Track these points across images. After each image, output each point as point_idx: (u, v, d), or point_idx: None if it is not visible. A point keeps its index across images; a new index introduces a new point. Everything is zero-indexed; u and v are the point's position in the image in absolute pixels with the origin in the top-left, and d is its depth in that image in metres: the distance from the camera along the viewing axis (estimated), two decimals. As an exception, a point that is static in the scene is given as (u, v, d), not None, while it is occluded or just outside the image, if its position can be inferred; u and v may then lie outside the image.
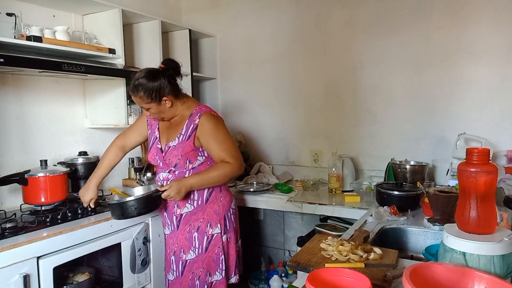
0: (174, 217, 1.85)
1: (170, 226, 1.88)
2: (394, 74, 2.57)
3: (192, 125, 1.77)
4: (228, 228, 1.87)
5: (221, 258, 1.83)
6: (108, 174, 1.97)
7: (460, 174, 1.03)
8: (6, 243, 1.49)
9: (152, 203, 1.72)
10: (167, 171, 1.82)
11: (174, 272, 1.85)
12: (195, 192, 1.80)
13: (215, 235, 1.83)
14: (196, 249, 1.82)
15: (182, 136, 1.78)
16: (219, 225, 1.83)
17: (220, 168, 1.75)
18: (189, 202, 1.82)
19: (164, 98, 1.72)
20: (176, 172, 1.80)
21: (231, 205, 1.90)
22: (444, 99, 2.44)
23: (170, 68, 1.74)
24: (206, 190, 1.82)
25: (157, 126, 1.88)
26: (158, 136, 1.86)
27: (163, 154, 1.82)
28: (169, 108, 1.77)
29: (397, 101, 2.58)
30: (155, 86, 1.68)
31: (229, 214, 1.87)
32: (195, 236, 1.82)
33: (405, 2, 2.49)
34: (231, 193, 1.96)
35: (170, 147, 1.80)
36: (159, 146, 1.84)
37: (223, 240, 1.84)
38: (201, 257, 1.82)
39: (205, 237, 1.82)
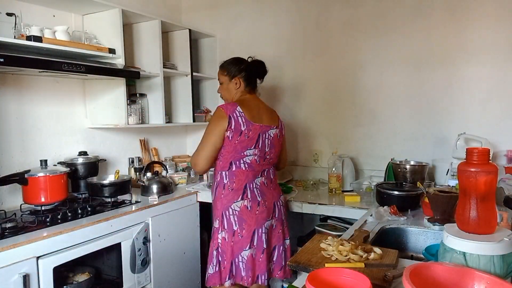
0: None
1: None
2: (394, 74, 2.57)
3: None
4: (225, 227, 1.88)
5: (214, 253, 1.89)
6: None
7: (460, 174, 1.03)
8: (6, 243, 1.49)
9: None
10: None
11: None
12: (214, 183, 1.96)
13: (214, 229, 1.92)
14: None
15: None
16: (217, 220, 1.90)
17: None
18: (212, 191, 1.99)
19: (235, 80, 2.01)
20: None
21: (231, 206, 1.87)
22: (444, 99, 2.44)
23: (253, 63, 2.07)
24: (214, 185, 1.95)
25: None
26: None
27: None
28: (228, 89, 2.05)
29: (397, 101, 2.58)
30: (234, 65, 2.06)
31: (227, 214, 1.88)
32: None
33: (405, 2, 2.49)
34: (239, 195, 1.87)
35: None
36: None
37: (219, 237, 1.89)
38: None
39: (213, 228, 1.94)
